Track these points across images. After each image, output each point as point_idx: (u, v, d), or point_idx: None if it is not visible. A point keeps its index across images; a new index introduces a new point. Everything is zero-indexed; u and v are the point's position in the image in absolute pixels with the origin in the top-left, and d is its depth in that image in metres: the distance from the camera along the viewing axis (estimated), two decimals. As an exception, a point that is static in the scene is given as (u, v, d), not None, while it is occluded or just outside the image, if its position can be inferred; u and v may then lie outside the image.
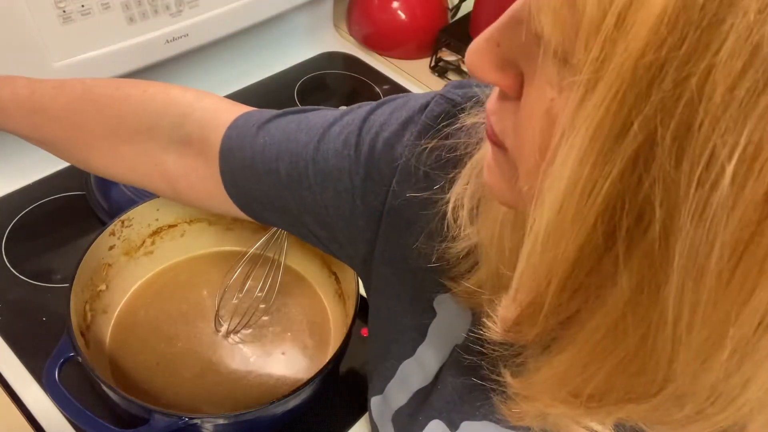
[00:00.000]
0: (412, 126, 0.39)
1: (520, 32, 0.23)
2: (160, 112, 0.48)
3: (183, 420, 0.47)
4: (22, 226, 0.71)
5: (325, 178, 0.42)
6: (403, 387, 0.46)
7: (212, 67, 0.93)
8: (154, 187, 0.51)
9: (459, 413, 0.41)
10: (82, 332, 0.54)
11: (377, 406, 0.48)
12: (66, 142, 0.51)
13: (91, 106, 0.48)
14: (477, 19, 1.00)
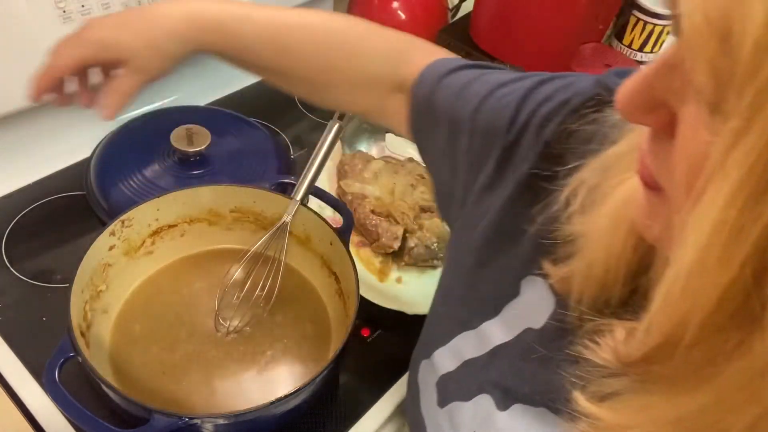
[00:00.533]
0: (567, 106, 0.41)
1: (673, 77, 0.24)
2: (382, 59, 0.53)
3: (183, 420, 0.47)
4: (22, 226, 0.71)
5: (481, 129, 0.45)
6: (453, 354, 0.45)
7: (212, 67, 0.92)
8: (365, 117, 0.59)
9: (513, 394, 0.41)
10: (82, 332, 0.54)
11: (423, 369, 0.48)
12: (292, 75, 0.56)
13: (323, 45, 0.52)
14: (477, 19, 1.00)
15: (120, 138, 0.79)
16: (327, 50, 0.52)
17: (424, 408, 0.47)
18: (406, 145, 0.87)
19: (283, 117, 0.92)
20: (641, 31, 1.01)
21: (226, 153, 0.79)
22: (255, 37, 0.50)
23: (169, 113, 0.84)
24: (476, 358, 0.44)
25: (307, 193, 0.64)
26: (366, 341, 0.68)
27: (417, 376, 0.49)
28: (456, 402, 0.44)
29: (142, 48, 0.47)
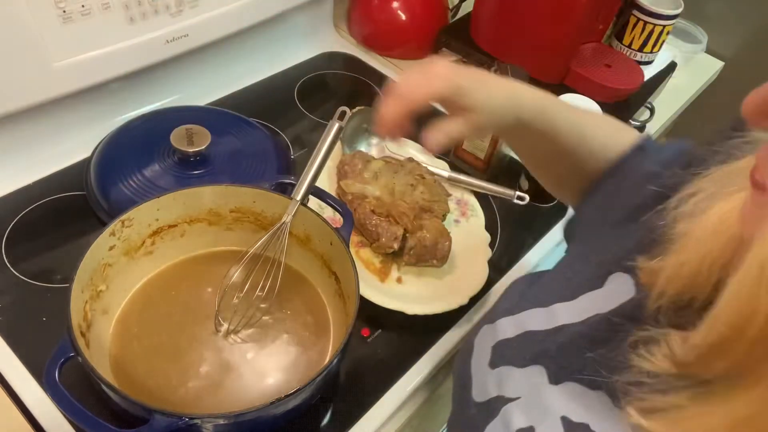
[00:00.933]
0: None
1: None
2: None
3: (183, 420, 0.47)
4: (22, 226, 0.71)
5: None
6: (517, 324, 0.48)
7: (212, 67, 0.93)
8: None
9: (568, 372, 0.42)
10: (82, 332, 0.54)
11: (484, 332, 0.50)
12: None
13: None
14: (477, 19, 1.01)
15: (120, 138, 0.79)
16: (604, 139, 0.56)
17: (474, 367, 0.49)
18: (406, 145, 0.87)
19: (283, 117, 0.92)
20: (641, 31, 1.01)
21: (226, 153, 0.79)
22: (564, 120, 0.54)
23: (169, 113, 0.84)
24: (538, 331, 0.46)
25: (307, 193, 0.64)
26: (366, 341, 0.68)
27: (475, 337, 0.51)
28: (508, 366, 0.45)
29: (486, 106, 0.51)
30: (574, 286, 0.47)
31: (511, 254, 0.80)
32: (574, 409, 0.40)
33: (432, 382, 0.70)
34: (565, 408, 0.40)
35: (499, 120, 0.52)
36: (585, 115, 0.56)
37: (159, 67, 0.82)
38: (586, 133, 0.54)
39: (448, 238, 0.72)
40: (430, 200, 0.75)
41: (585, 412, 0.39)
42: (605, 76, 0.94)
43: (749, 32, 1.24)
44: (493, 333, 0.49)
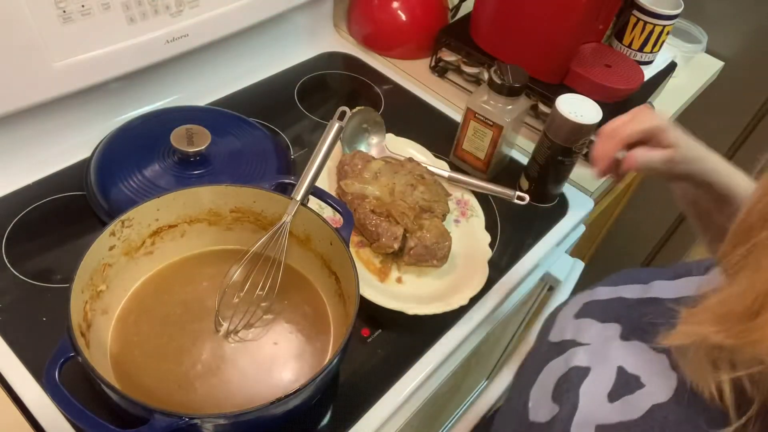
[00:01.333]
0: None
1: None
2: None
3: (183, 420, 0.47)
4: (22, 226, 0.71)
5: None
6: (612, 291, 0.52)
7: (212, 67, 0.93)
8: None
9: (640, 333, 0.46)
10: (82, 332, 0.54)
11: (582, 293, 0.55)
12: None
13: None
14: (477, 19, 1.00)
15: (120, 138, 0.79)
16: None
17: (561, 315, 0.54)
18: (406, 145, 0.87)
19: (283, 117, 0.92)
20: (641, 31, 1.01)
21: (226, 153, 0.79)
22: (737, 180, 0.60)
23: (169, 113, 0.84)
24: (630, 299, 0.51)
25: (307, 193, 0.64)
26: (366, 341, 0.68)
27: (565, 304, 0.56)
28: (590, 319, 0.50)
29: (685, 144, 0.59)
30: (679, 269, 0.51)
31: (511, 254, 0.80)
32: (631, 362, 0.43)
33: (432, 382, 0.70)
34: (624, 360, 0.44)
35: (690, 161, 0.59)
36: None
37: (159, 67, 0.82)
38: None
39: (448, 238, 0.72)
40: (430, 200, 0.75)
41: (640, 366, 0.43)
42: (605, 76, 0.94)
43: (749, 32, 1.24)
44: (589, 295, 0.54)
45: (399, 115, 0.95)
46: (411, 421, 0.69)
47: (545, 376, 0.49)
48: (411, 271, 0.74)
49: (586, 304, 0.52)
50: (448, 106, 1.01)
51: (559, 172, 0.83)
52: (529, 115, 0.99)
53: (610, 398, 0.42)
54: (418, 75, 1.06)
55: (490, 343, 0.89)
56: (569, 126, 0.77)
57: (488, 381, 0.78)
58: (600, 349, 0.46)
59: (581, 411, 0.43)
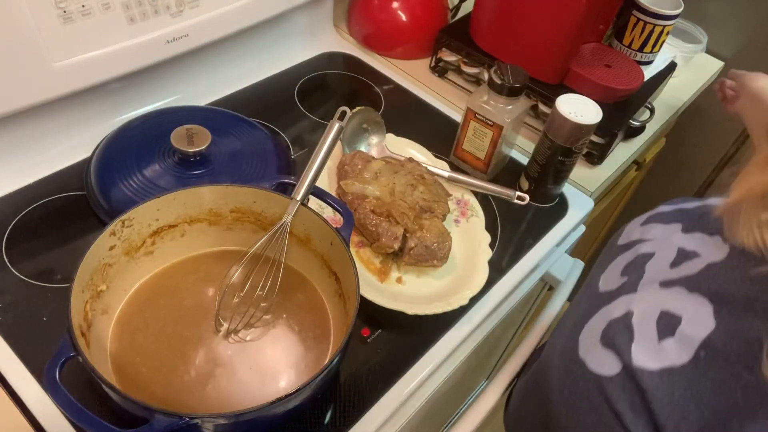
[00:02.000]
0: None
1: None
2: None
3: (183, 420, 0.47)
4: (22, 226, 0.71)
5: None
6: (673, 206, 0.57)
7: (212, 68, 0.93)
8: None
9: (700, 227, 0.52)
10: (82, 332, 0.54)
11: (642, 216, 0.60)
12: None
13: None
14: (477, 19, 1.01)
15: (120, 138, 0.79)
16: None
17: (629, 226, 0.60)
18: (406, 145, 0.87)
19: (283, 117, 0.92)
20: (641, 31, 1.01)
21: (226, 153, 0.79)
22: None
23: (169, 113, 0.84)
24: (689, 208, 0.56)
25: (307, 193, 0.64)
26: (366, 341, 0.68)
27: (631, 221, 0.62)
28: (654, 224, 0.56)
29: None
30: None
31: (511, 254, 0.80)
32: (690, 244, 0.51)
33: (432, 382, 0.71)
34: (683, 243, 0.51)
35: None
36: None
37: (159, 67, 0.82)
38: None
39: (448, 238, 0.72)
40: (430, 200, 0.75)
41: (698, 245, 0.50)
42: (605, 76, 0.94)
43: (749, 32, 1.24)
44: (653, 211, 0.59)
45: (399, 115, 0.95)
46: (411, 421, 0.69)
47: (614, 265, 0.56)
48: (411, 271, 0.74)
49: (651, 216, 0.59)
50: (448, 106, 1.01)
51: (559, 172, 0.83)
52: (529, 115, 0.99)
53: (671, 266, 0.50)
54: (418, 75, 1.07)
55: (490, 343, 0.89)
56: (569, 126, 0.77)
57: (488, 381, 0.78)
58: (663, 239, 0.54)
59: (647, 276, 0.51)
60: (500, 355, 1.16)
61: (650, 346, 0.46)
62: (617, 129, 0.92)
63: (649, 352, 0.46)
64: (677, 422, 0.43)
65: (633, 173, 1.25)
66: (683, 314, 0.46)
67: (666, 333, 0.46)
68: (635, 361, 0.46)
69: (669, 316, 0.46)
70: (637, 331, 0.47)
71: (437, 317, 0.69)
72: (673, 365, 0.44)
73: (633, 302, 0.50)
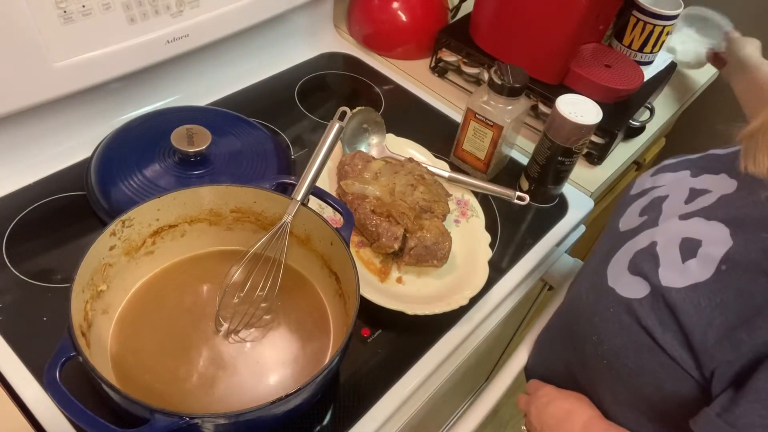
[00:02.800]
0: None
1: None
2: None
3: (184, 420, 0.47)
4: (23, 226, 0.71)
5: None
6: (676, 158, 0.64)
7: (212, 67, 0.93)
8: None
9: (707, 170, 0.58)
10: (82, 332, 0.54)
11: (648, 172, 0.65)
12: None
13: None
14: (477, 20, 1.01)
15: (120, 138, 0.79)
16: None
17: (637, 180, 0.65)
18: (406, 145, 0.87)
19: (283, 117, 0.92)
20: (641, 31, 1.02)
21: (226, 153, 0.79)
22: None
23: (169, 113, 0.84)
24: (693, 158, 0.62)
25: (308, 193, 0.64)
26: (366, 341, 0.68)
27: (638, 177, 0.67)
28: (663, 173, 0.62)
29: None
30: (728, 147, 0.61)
31: (511, 254, 0.80)
32: (700, 183, 0.56)
33: (432, 383, 0.70)
34: (694, 183, 0.57)
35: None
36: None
37: (159, 67, 0.82)
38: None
39: (448, 238, 0.72)
40: (430, 200, 0.75)
41: (708, 184, 0.56)
42: (605, 76, 0.94)
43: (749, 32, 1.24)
44: (657, 166, 0.65)
45: (399, 116, 0.95)
46: (411, 421, 0.69)
47: (631, 210, 0.61)
48: (411, 271, 0.74)
49: (659, 168, 0.64)
50: (448, 106, 1.01)
51: (559, 172, 0.83)
52: (529, 115, 0.99)
53: (686, 202, 0.55)
54: (418, 75, 1.07)
55: (490, 343, 0.89)
56: (569, 126, 0.77)
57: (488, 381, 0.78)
58: (674, 184, 0.59)
59: (664, 213, 0.56)
60: (500, 355, 1.16)
61: (675, 268, 0.51)
62: (617, 129, 0.92)
63: (675, 272, 0.50)
64: (704, 328, 0.47)
65: (633, 173, 1.25)
66: (703, 238, 0.51)
67: (689, 255, 0.50)
68: (663, 282, 0.50)
69: (690, 241, 0.51)
70: (662, 256, 0.52)
71: (437, 317, 0.69)
72: (697, 281, 0.49)
73: (656, 234, 0.55)
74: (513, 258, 0.80)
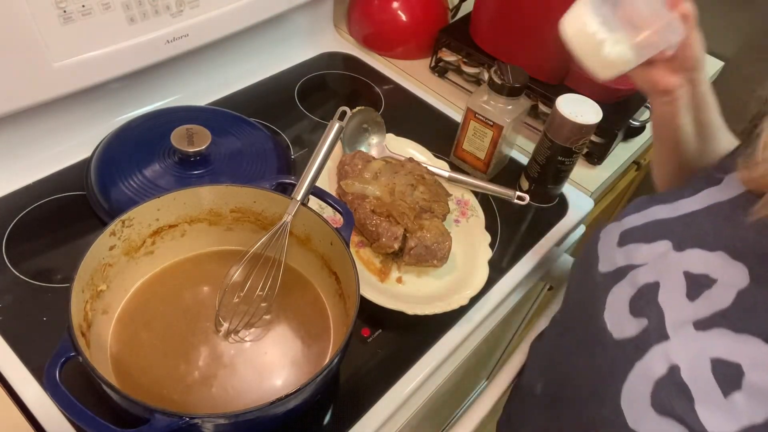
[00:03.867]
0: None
1: None
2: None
3: (184, 420, 0.47)
4: (23, 226, 0.71)
5: None
6: (643, 217, 0.54)
7: (212, 68, 0.93)
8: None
9: (691, 240, 0.49)
10: (82, 332, 0.54)
11: (607, 230, 0.56)
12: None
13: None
14: (477, 20, 1.00)
15: (120, 138, 0.79)
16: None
17: (601, 248, 0.55)
18: (406, 145, 0.87)
19: (283, 117, 0.92)
20: (641, 31, 1.01)
21: (226, 153, 0.79)
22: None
23: (169, 113, 0.84)
24: (665, 219, 0.53)
25: (308, 193, 0.64)
26: (366, 341, 0.68)
27: (600, 232, 0.57)
28: (635, 244, 0.52)
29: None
30: (695, 183, 0.54)
31: (511, 254, 0.80)
32: (695, 265, 0.47)
33: (432, 382, 0.70)
34: (687, 265, 0.47)
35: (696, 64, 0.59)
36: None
37: (159, 67, 0.82)
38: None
39: (448, 238, 0.72)
40: (430, 200, 0.75)
41: (707, 268, 0.46)
42: (605, 76, 0.94)
43: (749, 32, 1.24)
44: (620, 226, 0.55)
45: (399, 115, 0.95)
46: (411, 421, 0.69)
47: (614, 300, 0.50)
48: (411, 271, 0.74)
49: (624, 234, 0.54)
50: (448, 106, 1.01)
51: (559, 172, 0.83)
52: (529, 115, 0.99)
53: (689, 298, 0.45)
54: (418, 75, 1.07)
55: (490, 343, 0.89)
56: (569, 126, 0.77)
57: (488, 381, 0.78)
58: (659, 264, 0.49)
59: (669, 315, 0.46)
60: (500, 355, 1.16)
61: (717, 405, 0.40)
62: (617, 129, 0.92)
63: (718, 411, 0.40)
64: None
65: (633, 173, 1.25)
66: (741, 361, 0.40)
67: (730, 386, 0.40)
68: (707, 426, 0.40)
69: (724, 364, 0.41)
70: (694, 388, 0.41)
71: (437, 317, 0.69)
72: (753, 423, 0.39)
73: (671, 352, 0.44)
74: (513, 258, 0.80)
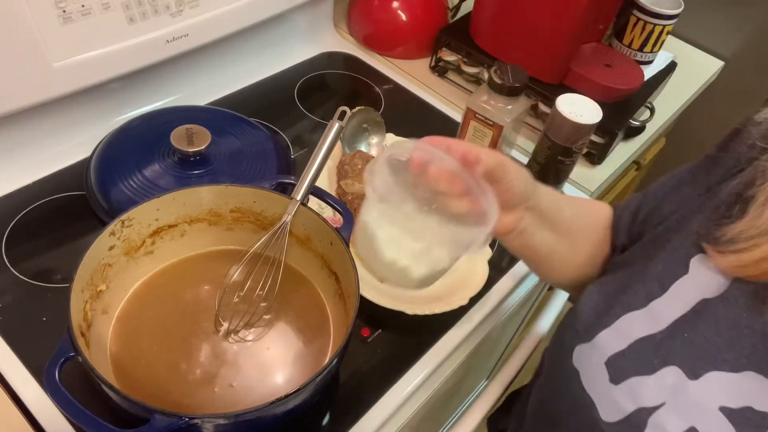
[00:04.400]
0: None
1: None
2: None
3: (183, 420, 0.47)
4: (22, 226, 0.71)
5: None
6: (620, 335, 0.45)
7: (212, 68, 0.93)
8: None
9: (703, 362, 0.41)
10: (82, 332, 0.54)
11: (581, 352, 0.48)
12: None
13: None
14: (477, 19, 1.00)
15: (120, 138, 0.79)
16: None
17: (591, 389, 0.46)
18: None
19: (283, 117, 0.92)
20: (641, 31, 1.01)
21: (226, 153, 0.79)
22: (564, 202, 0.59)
23: (169, 113, 0.84)
24: (651, 335, 0.44)
25: (307, 193, 0.64)
26: (366, 341, 0.68)
27: (571, 361, 0.48)
28: (635, 377, 0.44)
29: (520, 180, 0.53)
30: (660, 278, 0.45)
31: (511, 254, 0.80)
32: (727, 396, 0.39)
33: (432, 382, 0.70)
34: (717, 397, 0.40)
35: (525, 196, 0.51)
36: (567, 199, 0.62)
37: (159, 67, 0.82)
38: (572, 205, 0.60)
39: (448, 238, 0.72)
40: (430, 200, 0.75)
41: (740, 396, 0.39)
42: (605, 76, 0.94)
43: (749, 32, 1.24)
44: (596, 350, 0.46)
45: (399, 115, 0.95)
46: (411, 421, 0.69)
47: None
48: (411, 271, 0.74)
49: (611, 363, 0.45)
50: (448, 106, 1.01)
51: (559, 172, 0.83)
52: (529, 115, 0.99)
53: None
54: (418, 75, 1.06)
55: (490, 343, 0.89)
56: (569, 126, 0.77)
57: (488, 381, 0.78)
58: (682, 401, 0.41)
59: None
60: (500, 355, 1.16)
61: None
62: (617, 129, 0.92)
63: None
64: None
65: (633, 173, 1.25)
66: None
67: None
68: None
69: None
70: None
71: (437, 317, 0.69)
72: None
73: None
74: (513, 258, 0.80)
